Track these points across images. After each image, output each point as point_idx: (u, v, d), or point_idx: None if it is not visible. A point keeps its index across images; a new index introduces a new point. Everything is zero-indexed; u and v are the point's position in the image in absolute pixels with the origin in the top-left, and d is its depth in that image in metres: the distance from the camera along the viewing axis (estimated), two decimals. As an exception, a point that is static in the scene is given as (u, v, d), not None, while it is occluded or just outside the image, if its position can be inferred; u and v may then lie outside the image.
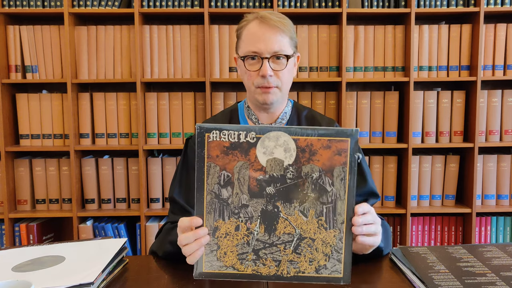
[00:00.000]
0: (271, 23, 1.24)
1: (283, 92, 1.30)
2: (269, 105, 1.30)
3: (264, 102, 1.28)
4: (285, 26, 1.26)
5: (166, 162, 2.48)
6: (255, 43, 1.24)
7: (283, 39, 1.25)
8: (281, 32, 1.25)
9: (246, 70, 1.27)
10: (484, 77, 2.43)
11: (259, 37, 1.24)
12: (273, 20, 1.24)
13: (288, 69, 1.28)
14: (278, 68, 1.26)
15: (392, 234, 2.55)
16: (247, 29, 1.27)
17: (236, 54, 1.34)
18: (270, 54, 1.24)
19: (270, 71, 1.24)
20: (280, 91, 1.29)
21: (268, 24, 1.24)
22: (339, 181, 0.94)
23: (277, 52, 1.24)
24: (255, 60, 1.25)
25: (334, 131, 0.93)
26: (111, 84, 2.55)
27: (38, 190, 2.49)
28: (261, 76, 1.25)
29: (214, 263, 0.95)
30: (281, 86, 1.28)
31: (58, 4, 2.39)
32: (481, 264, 1.04)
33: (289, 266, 0.95)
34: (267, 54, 1.24)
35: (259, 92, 1.27)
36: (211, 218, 0.95)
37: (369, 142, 2.49)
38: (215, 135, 0.93)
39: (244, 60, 1.27)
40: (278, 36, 1.24)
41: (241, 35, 1.29)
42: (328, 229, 0.94)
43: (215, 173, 0.94)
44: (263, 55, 1.24)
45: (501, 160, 2.50)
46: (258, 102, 1.30)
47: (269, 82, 1.25)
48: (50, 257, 1.09)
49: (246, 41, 1.27)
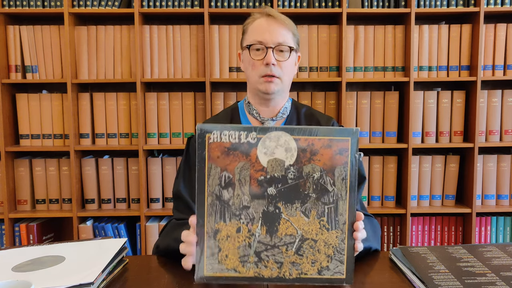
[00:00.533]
0: (277, 18, 1.33)
1: (284, 84, 1.35)
2: (271, 95, 1.34)
3: (266, 91, 1.32)
4: (289, 23, 1.35)
5: (166, 162, 2.48)
6: (261, 34, 1.31)
7: (287, 34, 1.33)
8: (286, 26, 1.33)
9: (250, 59, 1.33)
10: (484, 77, 2.43)
11: (265, 28, 1.32)
12: (278, 15, 1.34)
13: (290, 62, 1.34)
14: (281, 59, 1.32)
15: (391, 234, 2.55)
16: (254, 24, 1.35)
17: (241, 50, 1.39)
18: (275, 44, 1.31)
19: (273, 59, 1.30)
20: (281, 82, 1.33)
21: (273, 18, 1.33)
22: (341, 181, 0.93)
23: (281, 43, 1.31)
24: (259, 51, 1.32)
25: (335, 131, 0.93)
26: (111, 84, 2.55)
27: (38, 190, 2.49)
28: (265, 64, 1.30)
29: (215, 266, 0.94)
30: (283, 77, 1.33)
31: (58, 4, 2.39)
32: (481, 264, 1.03)
33: (291, 268, 0.94)
34: (271, 44, 1.30)
35: (261, 81, 1.32)
36: (212, 221, 0.94)
37: (369, 142, 2.49)
38: (216, 136, 0.93)
39: (249, 49, 1.32)
40: (283, 30, 1.32)
41: (247, 29, 1.37)
42: (330, 230, 0.94)
43: (216, 174, 0.93)
44: (268, 44, 1.30)
45: (501, 160, 2.50)
46: (260, 92, 1.33)
47: (272, 71, 1.30)
48: (50, 257, 1.09)
49: (252, 32, 1.34)
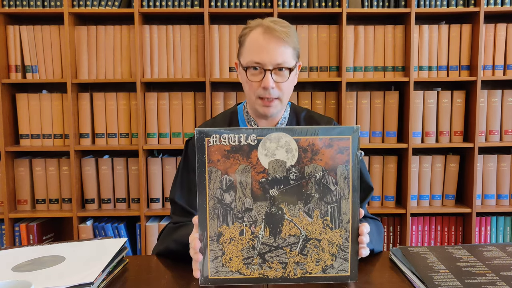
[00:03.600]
0: (275, 34, 1.21)
1: (283, 103, 1.30)
2: (269, 117, 1.31)
3: (264, 114, 1.28)
4: (288, 37, 1.23)
5: (166, 162, 2.48)
6: (259, 54, 1.22)
7: (286, 50, 1.23)
8: (285, 43, 1.22)
9: (247, 80, 1.25)
10: (484, 77, 2.43)
11: (263, 47, 1.21)
12: (277, 30, 1.21)
13: (290, 80, 1.27)
14: (280, 80, 1.24)
15: (391, 234, 2.55)
16: (251, 37, 1.25)
17: (238, 60, 1.32)
18: (273, 66, 1.22)
19: (272, 83, 1.22)
20: (281, 102, 1.28)
21: (272, 35, 1.21)
22: (343, 180, 0.93)
23: (280, 65, 1.22)
24: (257, 70, 1.23)
25: (336, 130, 0.93)
26: (111, 84, 2.55)
27: (38, 190, 2.49)
28: (262, 87, 1.23)
29: (219, 269, 0.94)
30: (282, 97, 1.27)
31: (58, 4, 2.39)
32: (481, 264, 1.03)
33: (295, 267, 0.94)
34: (270, 66, 1.22)
35: (259, 104, 1.26)
36: (215, 224, 0.93)
37: (369, 142, 2.49)
38: (215, 139, 0.92)
39: (246, 70, 1.25)
40: (282, 48, 1.22)
41: (244, 42, 1.27)
42: (333, 229, 0.94)
43: (217, 178, 0.93)
44: (266, 66, 1.22)
45: (501, 160, 2.50)
46: (258, 113, 1.30)
47: (270, 93, 1.24)
48: (50, 257, 1.09)
49: (249, 50, 1.24)
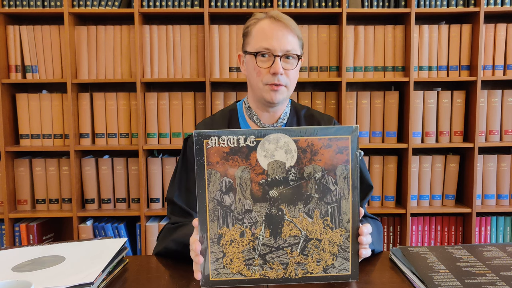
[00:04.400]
0: (283, 21, 1.24)
1: (289, 92, 1.30)
2: (275, 104, 1.29)
3: (271, 100, 1.27)
4: (295, 26, 1.27)
5: (166, 162, 2.48)
6: (268, 40, 1.23)
7: (294, 39, 1.26)
8: (292, 32, 1.25)
9: (255, 66, 1.25)
10: (484, 77, 2.43)
11: (272, 34, 1.23)
12: (284, 19, 1.25)
13: (296, 69, 1.28)
14: (289, 67, 1.25)
15: (391, 234, 2.55)
16: (259, 25, 1.26)
17: (242, 52, 1.32)
18: (283, 52, 1.24)
19: (281, 69, 1.23)
20: (287, 90, 1.28)
21: (280, 23, 1.24)
22: (343, 180, 0.93)
23: (289, 51, 1.24)
24: (265, 57, 1.25)
25: (334, 130, 0.92)
26: (111, 84, 2.55)
27: (38, 190, 2.49)
28: (272, 73, 1.24)
29: (220, 270, 0.94)
30: (289, 85, 1.28)
31: (58, 4, 2.39)
32: (481, 264, 1.03)
33: (296, 268, 0.95)
34: (279, 52, 1.23)
35: (267, 90, 1.26)
36: (215, 226, 0.93)
37: (369, 142, 2.49)
38: (214, 141, 0.92)
39: (255, 56, 1.25)
40: (290, 36, 1.25)
41: (251, 32, 1.28)
42: (334, 229, 0.94)
43: (216, 180, 0.92)
44: (276, 52, 1.23)
45: (501, 160, 2.50)
46: (265, 100, 1.28)
47: (279, 80, 1.24)
48: (50, 257, 1.09)
49: (257, 37, 1.25)
